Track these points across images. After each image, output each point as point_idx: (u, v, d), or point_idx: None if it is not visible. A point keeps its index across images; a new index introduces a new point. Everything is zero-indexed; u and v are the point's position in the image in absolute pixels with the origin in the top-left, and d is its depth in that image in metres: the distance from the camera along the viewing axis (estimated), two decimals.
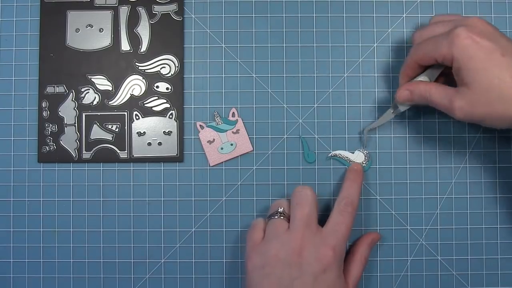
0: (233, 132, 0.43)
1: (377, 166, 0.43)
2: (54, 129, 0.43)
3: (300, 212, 0.37)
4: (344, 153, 0.43)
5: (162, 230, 0.43)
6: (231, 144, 0.43)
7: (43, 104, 0.43)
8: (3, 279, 0.43)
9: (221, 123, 0.43)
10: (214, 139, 0.43)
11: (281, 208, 0.38)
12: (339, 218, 0.37)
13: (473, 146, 0.43)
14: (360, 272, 0.39)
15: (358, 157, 0.43)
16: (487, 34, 0.35)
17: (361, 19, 0.44)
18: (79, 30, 0.44)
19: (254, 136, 0.44)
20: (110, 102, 0.44)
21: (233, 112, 0.44)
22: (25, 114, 0.44)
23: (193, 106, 0.44)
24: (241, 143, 0.43)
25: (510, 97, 0.33)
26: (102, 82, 0.44)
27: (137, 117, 0.44)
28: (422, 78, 0.39)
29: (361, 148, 0.43)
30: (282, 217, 0.38)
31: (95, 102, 0.44)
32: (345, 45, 0.44)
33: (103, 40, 0.44)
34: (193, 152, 0.44)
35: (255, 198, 0.43)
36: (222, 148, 0.43)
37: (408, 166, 0.43)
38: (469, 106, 0.35)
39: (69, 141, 0.43)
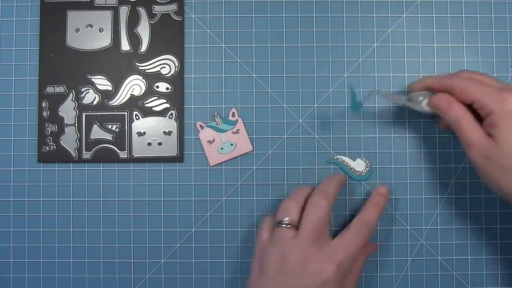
0: (233, 132, 0.43)
1: (377, 166, 0.43)
2: (54, 129, 0.43)
3: (310, 219, 0.36)
4: (346, 159, 0.43)
5: (162, 230, 0.43)
6: (231, 144, 0.43)
7: (43, 104, 0.43)
8: (3, 279, 0.43)
9: (221, 123, 0.43)
10: (214, 139, 0.43)
11: (287, 218, 0.37)
12: (352, 236, 0.37)
13: None
14: (355, 283, 0.38)
15: (358, 165, 0.43)
16: None
17: (361, 19, 0.44)
18: (79, 30, 0.44)
19: (254, 136, 0.44)
20: (110, 102, 0.44)
21: (233, 112, 0.44)
22: (25, 114, 0.44)
23: (193, 106, 0.44)
24: (241, 143, 0.43)
25: None
26: (102, 82, 0.44)
27: (137, 117, 0.44)
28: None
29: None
30: (288, 227, 0.37)
31: (95, 102, 0.44)
32: (345, 45, 0.44)
33: (103, 40, 0.44)
34: (193, 152, 0.44)
35: (255, 198, 0.43)
36: (222, 148, 0.43)
37: (408, 166, 0.43)
38: (488, 162, 0.35)
39: (69, 141, 0.43)
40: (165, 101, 0.44)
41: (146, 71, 0.44)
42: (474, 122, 0.36)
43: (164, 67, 0.44)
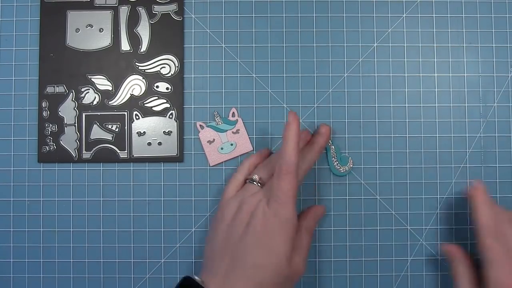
0: (233, 132, 0.43)
1: (377, 166, 0.43)
2: (54, 129, 0.43)
3: (275, 184, 0.36)
4: (335, 149, 0.43)
5: (162, 230, 0.43)
6: (231, 144, 0.43)
7: (43, 104, 0.43)
8: (3, 279, 0.43)
9: (221, 123, 0.43)
10: (214, 139, 0.43)
11: (257, 177, 0.38)
12: (278, 184, 0.36)
13: (473, 146, 0.43)
14: (306, 245, 0.38)
15: (343, 159, 0.43)
16: None
17: (361, 19, 0.44)
18: (79, 30, 0.44)
19: (254, 136, 0.44)
20: (110, 102, 0.44)
21: (233, 112, 0.44)
22: (25, 114, 0.44)
23: (193, 106, 0.44)
24: (241, 143, 0.43)
25: None
26: (102, 82, 0.44)
27: (137, 117, 0.44)
28: None
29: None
30: (256, 184, 0.38)
31: (95, 102, 0.44)
32: (345, 45, 0.44)
33: (103, 40, 0.44)
34: (193, 152, 0.44)
35: None
36: (222, 148, 0.43)
37: (408, 166, 0.43)
38: None
39: (69, 141, 0.43)
40: (165, 101, 0.44)
41: (146, 71, 0.44)
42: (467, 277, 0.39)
43: (164, 67, 0.44)
